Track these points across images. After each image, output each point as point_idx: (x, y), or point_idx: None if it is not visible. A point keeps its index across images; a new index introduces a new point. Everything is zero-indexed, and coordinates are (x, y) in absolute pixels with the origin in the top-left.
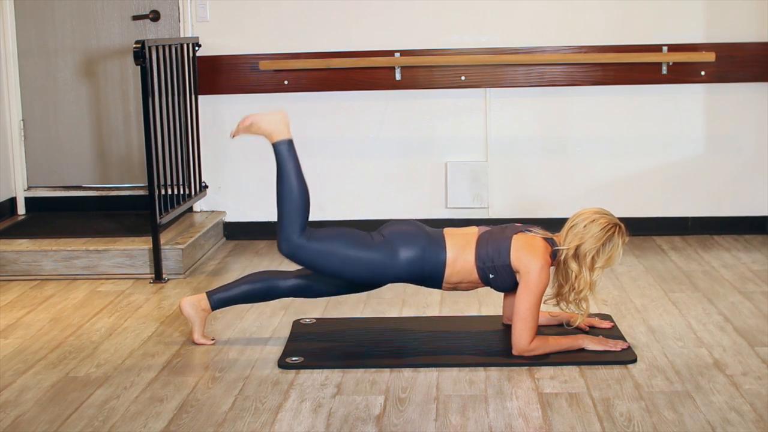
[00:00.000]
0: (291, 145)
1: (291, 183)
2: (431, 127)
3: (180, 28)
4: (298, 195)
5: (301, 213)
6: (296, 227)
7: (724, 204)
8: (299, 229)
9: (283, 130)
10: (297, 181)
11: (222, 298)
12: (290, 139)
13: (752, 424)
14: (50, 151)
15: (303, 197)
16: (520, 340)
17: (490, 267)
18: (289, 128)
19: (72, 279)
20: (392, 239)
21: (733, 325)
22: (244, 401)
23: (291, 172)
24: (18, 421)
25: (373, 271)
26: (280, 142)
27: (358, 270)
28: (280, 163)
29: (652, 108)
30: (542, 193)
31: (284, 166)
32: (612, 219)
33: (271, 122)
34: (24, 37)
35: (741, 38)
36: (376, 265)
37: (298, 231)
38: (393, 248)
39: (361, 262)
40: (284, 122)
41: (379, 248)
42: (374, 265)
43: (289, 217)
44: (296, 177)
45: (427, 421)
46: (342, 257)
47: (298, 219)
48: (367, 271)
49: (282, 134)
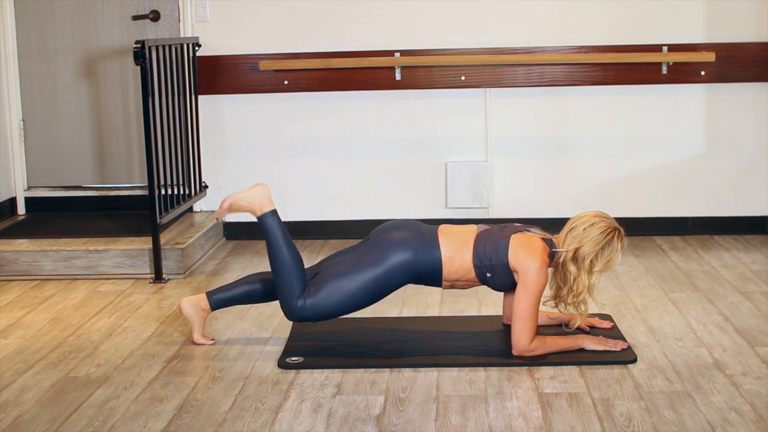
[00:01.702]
0: (275, 216)
1: (282, 253)
2: (431, 127)
3: (180, 28)
4: (291, 262)
5: (297, 278)
6: (296, 294)
7: (724, 204)
8: (298, 294)
9: (264, 203)
10: (288, 250)
11: (222, 298)
12: (274, 210)
13: (752, 424)
14: (50, 151)
15: (296, 263)
16: (520, 340)
17: (487, 266)
18: (270, 199)
19: (72, 279)
20: (382, 251)
21: (733, 325)
22: (244, 401)
23: (280, 241)
24: (18, 421)
25: (375, 290)
26: (264, 215)
27: (364, 297)
28: (269, 235)
29: (652, 108)
30: (542, 193)
31: (273, 237)
32: (611, 223)
33: (252, 198)
34: (24, 37)
35: (741, 38)
36: (376, 283)
37: (297, 296)
38: (385, 260)
39: (361, 290)
40: (265, 195)
41: (372, 266)
42: (373, 284)
43: (288, 286)
44: (286, 245)
45: (427, 421)
46: (344, 297)
47: (295, 286)
48: (372, 293)
49: (264, 207)
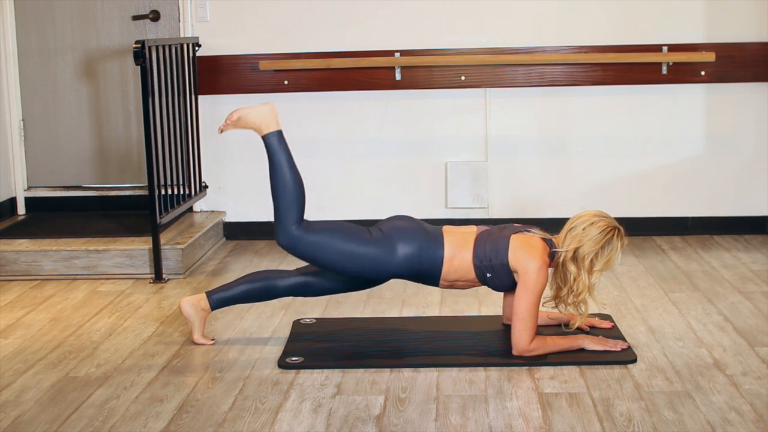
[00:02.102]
0: (281, 136)
1: (284, 174)
2: (431, 127)
3: (180, 28)
4: (293, 186)
5: (297, 204)
6: (293, 218)
7: (724, 204)
8: (296, 220)
9: (271, 121)
10: (290, 172)
11: (221, 297)
12: (280, 130)
13: (752, 424)
14: (50, 151)
15: (297, 188)
16: (520, 340)
17: (487, 266)
18: (277, 120)
19: (72, 279)
20: (390, 235)
21: (733, 325)
22: (244, 401)
23: (283, 163)
24: (18, 421)
25: (370, 266)
26: (269, 134)
27: (356, 264)
28: (272, 155)
29: (652, 108)
30: (542, 193)
31: (276, 158)
32: (611, 222)
33: (260, 114)
34: (24, 37)
35: (741, 38)
36: (374, 260)
37: (296, 222)
38: (391, 244)
39: (358, 256)
40: (272, 114)
41: (376, 243)
42: (372, 260)
43: (286, 208)
44: (289, 168)
45: (427, 421)
46: (340, 250)
47: (294, 210)
48: (365, 266)
49: (271, 126)
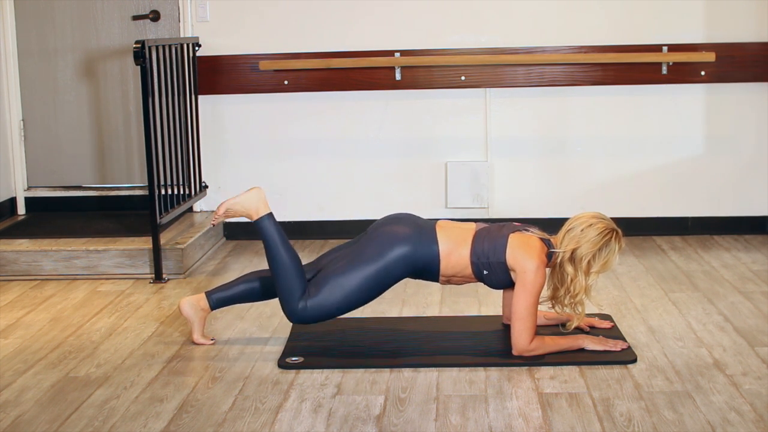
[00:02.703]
0: (271, 218)
1: (281, 255)
2: (431, 127)
3: (180, 28)
4: (291, 265)
5: (297, 280)
6: (297, 295)
7: (724, 204)
8: (300, 296)
9: (260, 206)
10: (286, 252)
11: (221, 297)
12: (270, 213)
13: (752, 424)
14: (50, 151)
15: (295, 265)
16: (520, 340)
17: (485, 263)
18: (266, 203)
19: (72, 279)
20: (381, 245)
21: (733, 325)
22: (244, 401)
23: (278, 244)
24: (18, 421)
25: (375, 286)
26: (260, 219)
27: (365, 293)
28: (266, 239)
29: (652, 108)
30: (542, 193)
31: (270, 241)
32: (609, 224)
33: (246, 202)
34: (24, 37)
35: (741, 38)
36: (376, 279)
37: (299, 298)
38: (384, 254)
39: (361, 287)
40: (260, 199)
41: (371, 261)
42: (373, 280)
43: (288, 288)
44: (284, 248)
45: (427, 421)
46: (345, 295)
47: (296, 287)
48: (372, 289)
49: (260, 210)
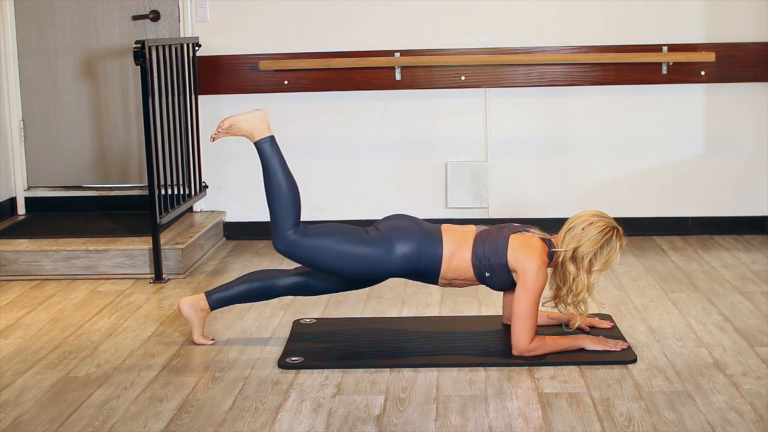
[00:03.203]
0: (273, 142)
1: (278, 179)
2: (431, 127)
3: (180, 28)
4: (288, 190)
5: (292, 208)
6: (289, 223)
7: (724, 204)
8: (293, 224)
9: (263, 128)
10: (284, 177)
11: (221, 297)
12: (272, 136)
13: (752, 424)
14: (50, 151)
15: (292, 192)
16: (520, 340)
17: (486, 265)
18: (269, 125)
19: (72, 279)
20: (388, 234)
21: (733, 325)
22: (244, 401)
23: (277, 168)
24: (18, 421)
25: (369, 266)
26: (261, 140)
27: (355, 265)
28: (265, 161)
29: (652, 108)
30: (542, 193)
31: (269, 163)
32: (610, 222)
33: (251, 121)
34: (24, 37)
35: (741, 38)
36: (373, 260)
37: (292, 227)
38: (389, 243)
39: (357, 258)
40: (264, 120)
41: (374, 243)
42: (370, 260)
43: (282, 213)
44: (283, 173)
45: (427, 421)
46: (338, 252)
47: (290, 214)
48: (364, 266)
49: (263, 132)
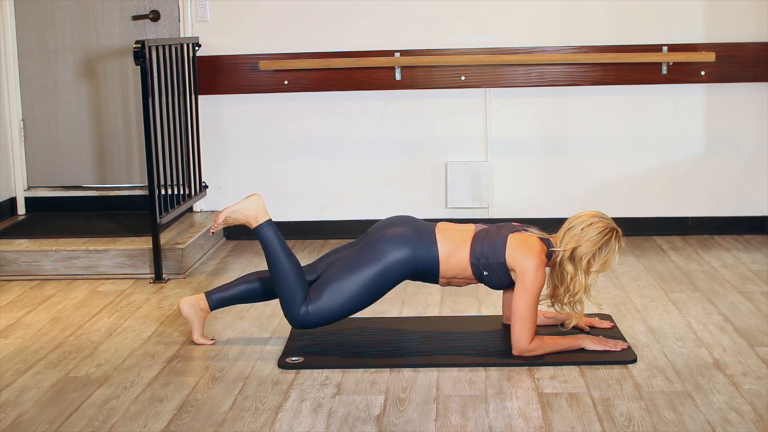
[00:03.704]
0: (271, 225)
1: (281, 261)
2: (431, 127)
3: (180, 28)
4: (291, 271)
5: (299, 286)
6: (299, 301)
7: (724, 204)
8: (301, 302)
9: (260, 213)
10: (286, 258)
11: (221, 297)
12: (269, 220)
13: (752, 424)
14: (50, 151)
15: (296, 271)
16: (520, 340)
17: (484, 264)
18: (265, 210)
19: (72, 279)
20: (380, 248)
21: (733, 325)
22: (244, 401)
23: (278, 250)
24: (18, 421)
25: (376, 289)
26: (260, 226)
27: (365, 297)
28: (266, 245)
29: (652, 108)
30: (542, 193)
31: (270, 247)
32: (609, 223)
33: (246, 210)
34: (24, 37)
35: (741, 38)
36: (377, 282)
37: (300, 304)
38: (383, 257)
39: (363, 291)
40: (259, 206)
41: (371, 264)
42: (374, 283)
43: (290, 295)
44: (284, 254)
45: (427, 421)
46: (346, 299)
47: (297, 294)
48: (372, 292)
49: (260, 218)
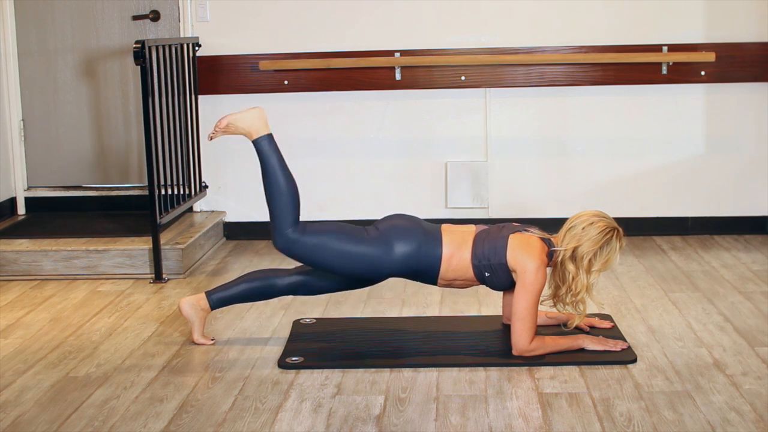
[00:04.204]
0: (271, 140)
1: (277, 177)
2: (431, 127)
3: (180, 28)
4: (286, 188)
5: (291, 206)
6: (289, 221)
7: (724, 204)
8: (292, 222)
9: (261, 126)
10: (283, 175)
11: (221, 297)
12: (270, 134)
13: (752, 424)
14: (50, 151)
15: (291, 190)
16: (520, 340)
17: (486, 265)
18: (266, 123)
19: (72, 279)
20: (388, 234)
21: (733, 325)
22: (244, 401)
23: (275, 166)
24: (18, 421)
25: (369, 266)
26: (259, 138)
27: (354, 264)
28: (263, 159)
29: (652, 108)
30: (542, 193)
31: (267, 161)
32: (610, 222)
33: (248, 119)
34: (24, 37)
35: (741, 38)
36: (372, 260)
37: (291, 225)
38: (388, 243)
39: (356, 256)
40: (261, 118)
41: (374, 243)
42: (369, 259)
43: (281, 211)
44: (281, 170)
45: (427, 421)
46: (337, 251)
47: (289, 213)
48: (363, 265)
49: (261, 130)
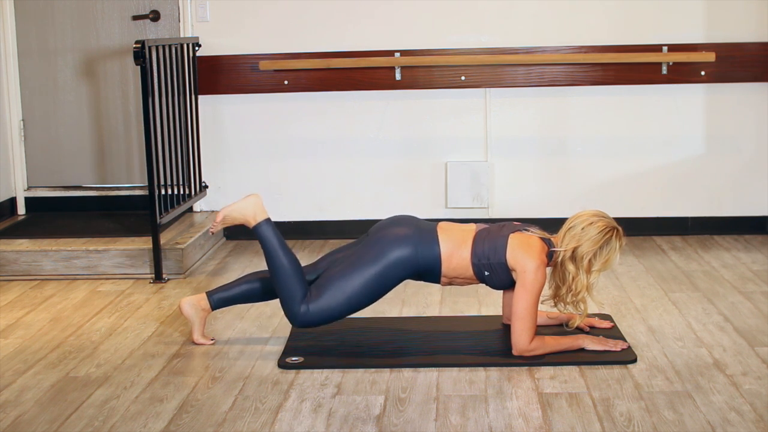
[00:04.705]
0: (270, 224)
1: (280, 258)
2: (431, 127)
3: (180, 28)
4: (290, 267)
5: (297, 282)
6: (297, 298)
7: (724, 204)
8: (300, 298)
9: (258, 212)
10: (284, 255)
11: (222, 297)
12: (267, 218)
13: (752, 424)
14: (50, 151)
15: (295, 269)
16: (520, 340)
17: (485, 264)
18: (263, 208)
19: (72, 279)
20: (382, 247)
21: (733, 325)
22: (244, 401)
23: (276, 247)
24: (18, 421)
25: (377, 288)
26: (258, 224)
27: (366, 296)
28: (264, 243)
29: (652, 108)
30: (542, 193)
31: (269, 245)
32: (610, 222)
33: (244, 209)
34: (24, 37)
35: (741, 38)
36: (377, 280)
37: (300, 301)
38: (384, 257)
39: (364, 290)
40: (257, 204)
41: (371, 262)
42: (375, 282)
43: (289, 292)
44: (282, 251)
45: (427, 421)
46: (347, 298)
47: (296, 289)
48: (373, 291)
49: (258, 216)
